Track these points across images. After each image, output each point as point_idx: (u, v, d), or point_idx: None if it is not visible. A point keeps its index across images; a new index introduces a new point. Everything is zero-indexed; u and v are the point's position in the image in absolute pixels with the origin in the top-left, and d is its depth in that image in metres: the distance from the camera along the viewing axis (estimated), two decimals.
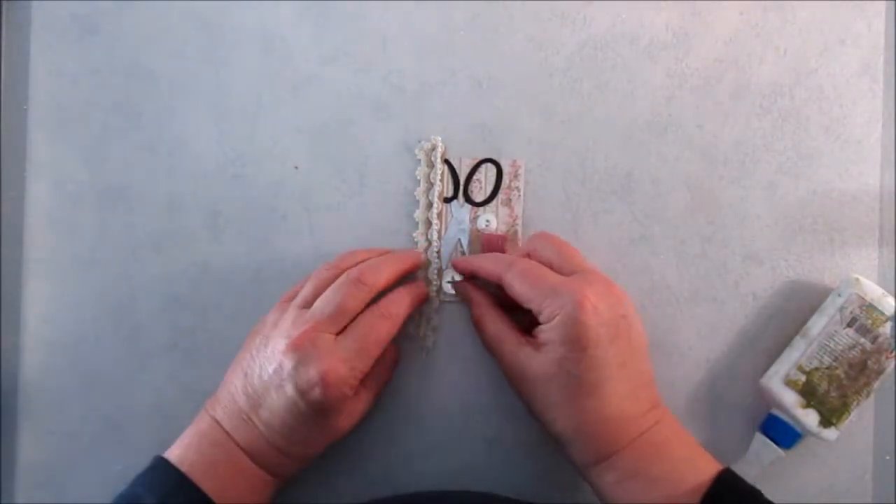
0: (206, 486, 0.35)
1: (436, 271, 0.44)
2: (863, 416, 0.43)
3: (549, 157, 0.45)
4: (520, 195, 0.44)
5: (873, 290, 0.41)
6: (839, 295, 0.41)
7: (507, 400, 0.44)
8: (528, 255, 0.40)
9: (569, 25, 0.45)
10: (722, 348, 0.44)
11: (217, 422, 0.38)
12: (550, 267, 0.38)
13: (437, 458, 0.44)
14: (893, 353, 0.40)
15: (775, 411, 0.41)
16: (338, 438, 0.39)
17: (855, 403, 0.40)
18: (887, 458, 0.43)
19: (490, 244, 0.44)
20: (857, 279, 0.41)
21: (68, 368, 0.45)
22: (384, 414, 0.44)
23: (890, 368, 0.40)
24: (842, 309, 0.41)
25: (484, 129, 0.45)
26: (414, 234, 0.44)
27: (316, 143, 0.46)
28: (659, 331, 0.44)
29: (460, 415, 0.44)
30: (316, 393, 0.35)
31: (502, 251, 0.43)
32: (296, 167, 0.46)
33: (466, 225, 0.44)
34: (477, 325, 0.41)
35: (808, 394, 0.40)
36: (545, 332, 0.36)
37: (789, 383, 0.41)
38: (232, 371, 0.39)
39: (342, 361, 0.35)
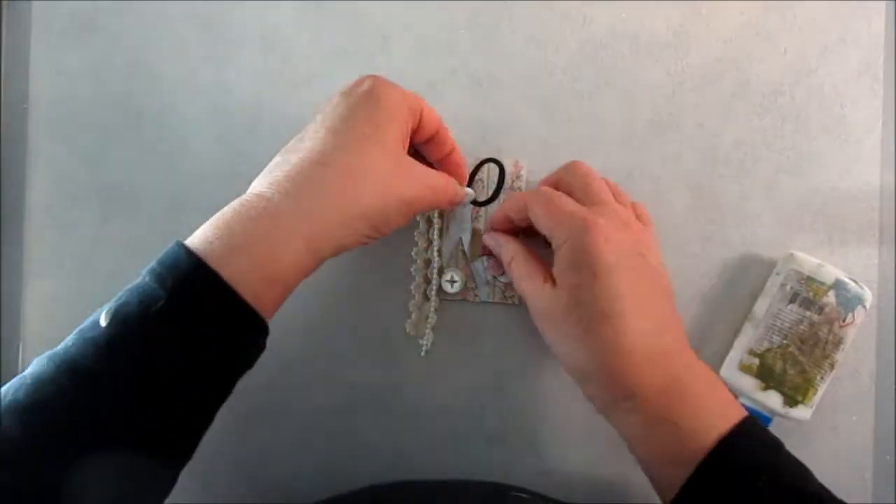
0: (228, 271, 0.29)
1: (436, 270, 0.44)
2: (863, 416, 0.43)
3: (549, 157, 0.45)
4: None
5: (809, 262, 0.41)
6: (778, 273, 0.42)
7: (508, 398, 0.44)
8: (557, 185, 0.39)
9: (569, 24, 0.45)
10: (721, 347, 0.43)
11: (246, 192, 0.33)
12: (573, 198, 0.37)
13: (437, 457, 0.44)
14: (846, 322, 0.40)
15: (741, 399, 0.41)
16: (381, 194, 0.34)
17: (819, 378, 0.40)
18: (887, 457, 0.43)
19: None
20: (792, 254, 0.42)
21: None
22: (384, 413, 0.44)
23: (848, 337, 0.40)
24: (782, 286, 0.41)
25: (484, 128, 0.45)
26: (415, 233, 0.44)
27: None
28: None
29: (461, 414, 0.44)
30: (366, 82, 0.35)
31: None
32: None
33: (468, 224, 0.44)
34: (508, 271, 0.40)
35: (765, 376, 0.40)
36: (558, 261, 0.35)
37: (744, 368, 0.41)
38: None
39: None
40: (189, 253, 0.30)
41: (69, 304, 0.46)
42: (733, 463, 0.33)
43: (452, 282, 0.44)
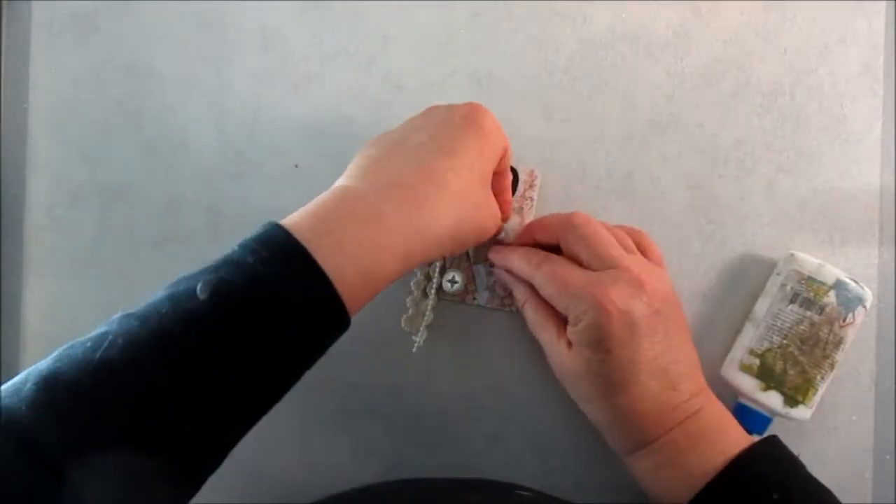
0: (335, 272, 0.30)
1: (438, 268, 0.44)
2: (863, 416, 0.43)
3: (548, 157, 0.45)
4: (532, 205, 0.44)
5: (809, 262, 0.41)
6: (778, 273, 0.42)
7: (508, 398, 0.44)
8: (558, 239, 0.39)
9: (569, 25, 0.45)
10: (721, 347, 0.43)
11: (347, 186, 0.34)
12: (580, 262, 0.37)
13: (437, 457, 0.44)
14: (846, 322, 0.40)
15: (742, 399, 0.42)
16: (472, 203, 0.36)
17: (819, 378, 0.40)
18: (887, 457, 0.43)
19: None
20: (793, 254, 0.42)
21: None
22: (384, 412, 0.44)
23: (848, 337, 0.40)
24: (782, 286, 0.41)
25: None
26: None
27: (316, 142, 0.46)
28: None
29: (460, 413, 0.44)
30: (476, 111, 0.37)
31: None
32: (296, 166, 0.46)
33: None
34: (521, 309, 0.41)
35: (766, 376, 0.40)
36: (572, 334, 0.36)
37: (744, 368, 0.41)
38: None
39: None
40: (295, 243, 0.30)
41: (69, 304, 0.46)
42: (741, 483, 0.34)
43: (453, 282, 0.43)
